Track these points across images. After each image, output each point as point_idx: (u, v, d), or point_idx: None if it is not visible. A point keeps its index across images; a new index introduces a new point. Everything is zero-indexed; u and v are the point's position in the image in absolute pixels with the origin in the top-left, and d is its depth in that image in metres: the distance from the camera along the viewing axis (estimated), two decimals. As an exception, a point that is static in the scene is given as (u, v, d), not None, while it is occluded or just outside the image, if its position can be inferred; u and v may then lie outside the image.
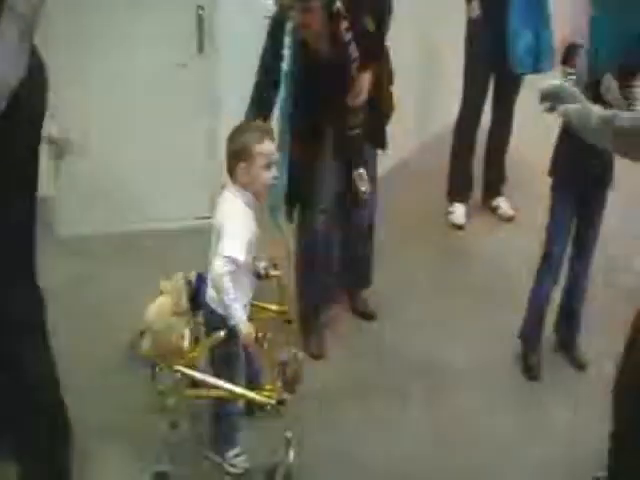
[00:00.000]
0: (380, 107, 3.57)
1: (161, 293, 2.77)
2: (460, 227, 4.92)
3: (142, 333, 2.75)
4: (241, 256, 2.56)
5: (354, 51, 3.29)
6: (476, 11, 4.56)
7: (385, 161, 4.14)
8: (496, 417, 3.22)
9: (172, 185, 4.55)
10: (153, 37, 4.33)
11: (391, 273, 4.12)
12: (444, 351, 3.62)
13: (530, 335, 3.57)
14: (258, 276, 2.85)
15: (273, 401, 2.62)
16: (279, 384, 2.64)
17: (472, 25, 4.64)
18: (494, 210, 5.10)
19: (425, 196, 5.14)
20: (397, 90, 3.65)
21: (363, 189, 3.48)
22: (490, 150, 5.07)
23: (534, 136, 3.48)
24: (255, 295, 2.83)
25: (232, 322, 2.56)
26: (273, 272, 2.85)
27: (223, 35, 4.43)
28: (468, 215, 4.97)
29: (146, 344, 2.72)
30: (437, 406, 3.27)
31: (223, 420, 2.82)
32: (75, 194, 4.41)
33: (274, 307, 2.93)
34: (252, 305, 2.87)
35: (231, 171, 2.67)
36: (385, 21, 3.47)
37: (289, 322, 2.97)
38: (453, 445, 3.05)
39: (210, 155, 4.58)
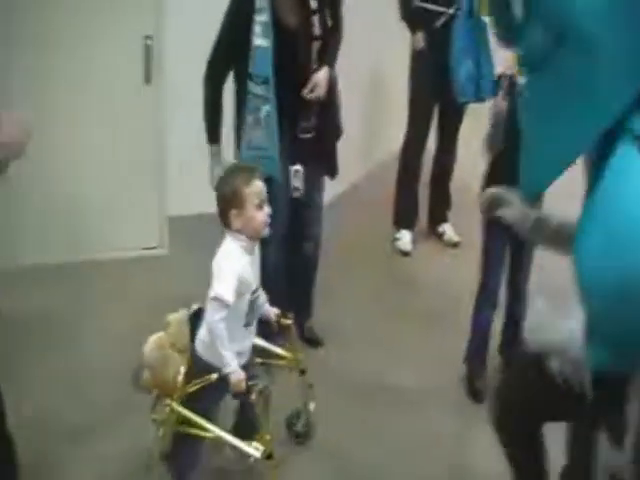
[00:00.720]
0: (331, 130, 3.62)
1: (166, 327, 2.74)
2: (406, 253, 4.99)
3: (141, 367, 2.73)
4: (229, 297, 2.50)
5: (317, 28, 3.35)
6: (421, 43, 4.68)
7: (331, 189, 4.18)
8: (445, 437, 3.26)
9: (120, 216, 4.54)
10: (101, 69, 4.34)
11: (338, 299, 4.17)
12: (391, 375, 3.65)
13: (474, 360, 3.62)
14: (269, 323, 2.84)
15: (258, 454, 2.54)
16: (268, 437, 2.57)
17: (417, 56, 4.75)
18: (440, 236, 5.18)
19: (371, 223, 5.21)
20: (343, 118, 3.70)
21: (297, 185, 3.50)
22: (435, 177, 5.17)
23: (478, 163, 3.55)
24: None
25: (224, 370, 2.52)
26: (284, 321, 2.85)
27: (170, 64, 4.46)
28: (414, 241, 5.06)
29: (146, 375, 2.71)
30: (385, 428, 3.29)
31: (187, 448, 2.73)
32: (27, 225, 4.37)
33: (287, 354, 2.94)
34: (264, 350, 2.87)
35: (224, 218, 2.59)
36: (340, 24, 3.54)
37: (302, 372, 2.97)
38: (406, 465, 3.08)
39: (157, 187, 4.59)
